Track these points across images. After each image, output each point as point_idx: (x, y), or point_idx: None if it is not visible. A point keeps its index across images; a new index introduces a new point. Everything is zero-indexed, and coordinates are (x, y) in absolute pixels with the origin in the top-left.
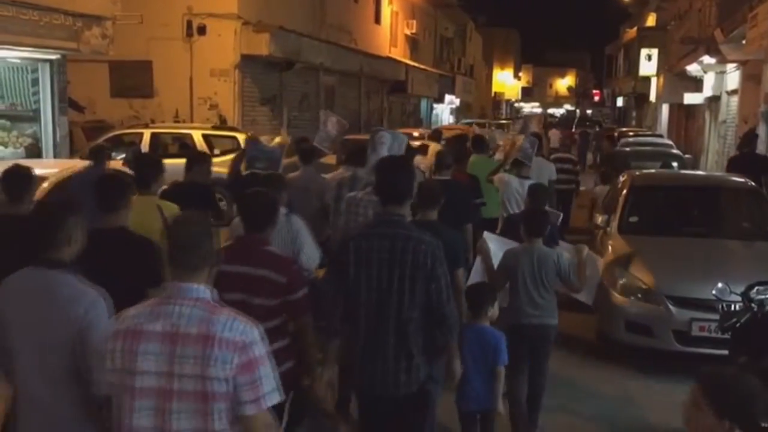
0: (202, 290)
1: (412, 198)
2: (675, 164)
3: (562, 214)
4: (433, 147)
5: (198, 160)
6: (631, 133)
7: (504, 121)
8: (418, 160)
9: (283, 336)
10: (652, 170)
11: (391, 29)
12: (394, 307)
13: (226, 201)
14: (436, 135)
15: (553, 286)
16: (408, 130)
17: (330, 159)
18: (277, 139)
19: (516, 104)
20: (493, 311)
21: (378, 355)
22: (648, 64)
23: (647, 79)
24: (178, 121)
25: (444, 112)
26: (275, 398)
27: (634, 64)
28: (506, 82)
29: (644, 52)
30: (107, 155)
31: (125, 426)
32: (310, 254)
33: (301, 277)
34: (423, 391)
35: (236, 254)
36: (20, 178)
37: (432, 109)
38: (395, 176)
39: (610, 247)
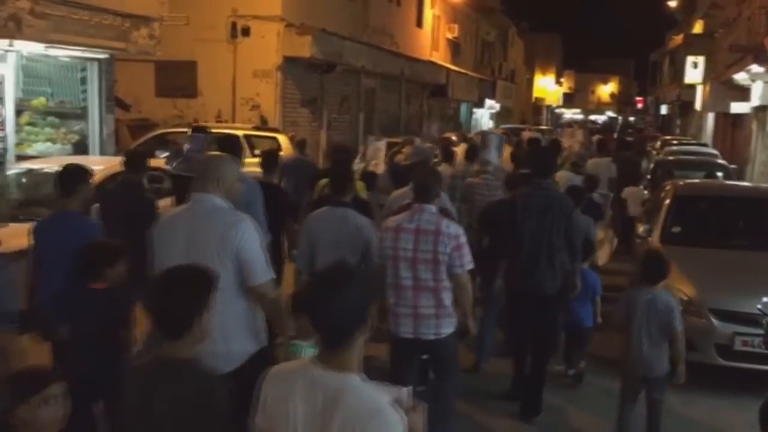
0: (433, 209)
1: (554, 172)
2: (720, 174)
3: (612, 194)
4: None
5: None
6: (675, 142)
7: (544, 128)
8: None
9: None
10: (696, 180)
11: (432, 33)
12: (546, 238)
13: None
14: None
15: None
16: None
17: None
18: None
19: (557, 110)
20: (594, 257)
21: (536, 269)
22: (694, 71)
23: (693, 86)
24: (220, 121)
25: (484, 116)
26: (471, 265)
27: (679, 71)
28: (547, 87)
29: (690, 59)
30: (304, 146)
31: (395, 275)
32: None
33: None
34: (561, 291)
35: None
36: (272, 158)
37: (472, 113)
38: (545, 159)
39: None
